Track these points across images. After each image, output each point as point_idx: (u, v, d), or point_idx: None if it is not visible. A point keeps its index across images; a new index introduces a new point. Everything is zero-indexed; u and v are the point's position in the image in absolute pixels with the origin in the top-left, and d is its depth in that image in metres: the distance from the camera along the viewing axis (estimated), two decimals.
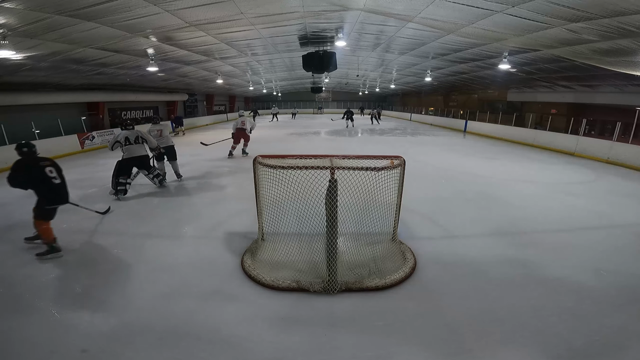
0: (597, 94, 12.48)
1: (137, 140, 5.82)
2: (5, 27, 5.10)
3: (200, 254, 3.72)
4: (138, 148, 5.84)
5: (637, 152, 8.55)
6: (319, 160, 3.07)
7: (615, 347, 2.29)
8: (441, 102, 24.65)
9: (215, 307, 2.76)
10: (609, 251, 3.75)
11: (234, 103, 30.98)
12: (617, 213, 5.03)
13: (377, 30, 8.44)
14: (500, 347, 2.30)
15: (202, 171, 7.96)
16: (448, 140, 14.78)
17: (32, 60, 7.40)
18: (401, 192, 3.50)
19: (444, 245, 3.93)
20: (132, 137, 5.77)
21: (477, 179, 7.20)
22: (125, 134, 5.75)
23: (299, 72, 16.77)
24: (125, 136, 5.73)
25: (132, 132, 5.82)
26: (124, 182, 5.77)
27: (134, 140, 5.78)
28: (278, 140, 14.12)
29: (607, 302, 2.79)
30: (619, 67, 7.56)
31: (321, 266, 3.12)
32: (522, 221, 4.68)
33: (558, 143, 11.47)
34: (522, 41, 7.04)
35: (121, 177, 5.74)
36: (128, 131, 5.81)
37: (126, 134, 5.76)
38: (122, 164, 5.76)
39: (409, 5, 5.73)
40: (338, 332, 2.46)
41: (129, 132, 5.80)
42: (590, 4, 4.47)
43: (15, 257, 3.66)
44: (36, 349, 2.29)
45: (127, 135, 5.74)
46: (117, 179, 5.73)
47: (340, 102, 36.76)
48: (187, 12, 5.77)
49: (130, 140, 5.75)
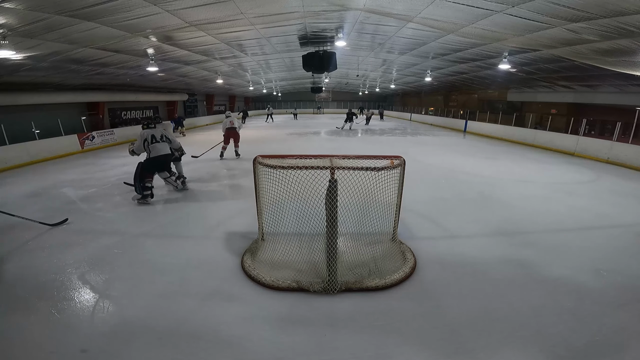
0: (597, 94, 12.48)
1: (162, 138, 5.58)
2: (5, 27, 5.10)
3: (200, 254, 3.72)
4: (163, 146, 5.57)
5: (637, 152, 8.55)
6: (319, 160, 3.07)
7: (615, 347, 2.29)
8: (441, 102, 24.65)
9: (215, 307, 2.76)
10: (609, 251, 3.75)
11: (234, 103, 30.97)
12: (617, 213, 5.03)
13: (377, 30, 8.43)
14: (500, 347, 2.29)
15: (202, 171, 7.96)
16: (448, 140, 14.78)
17: (32, 60, 7.39)
18: (401, 192, 3.50)
19: (444, 245, 3.93)
20: (158, 135, 5.53)
21: (477, 179, 7.20)
22: (150, 132, 5.49)
23: (299, 72, 16.77)
24: (150, 134, 5.47)
25: (157, 130, 5.58)
26: (150, 185, 5.48)
27: (160, 138, 5.54)
28: (278, 140, 14.12)
29: (607, 302, 2.79)
30: (619, 67, 7.56)
31: (321, 266, 3.12)
32: (522, 221, 4.68)
33: (558, 143, 11.47)
34: (522, 41, 7.04)
35: (146, 179, 5.45)
36: (151, 129, 5.55)
37: (151, 132, 5.49)
38: (146, 164, 5.48)
39: (409, 5, 5.73)
40: (338, 332, 2.46)
41: (153, 130, 5.55)
42: (590, 4, 4.48)
43: (16, 257, 3.66)
44: (36, 349, 2.29)
45: (153, 133, 5.49)
46: (143, 183, 5.42)
47: (340, 102, 36.77)
48: (187, 12, 5.77)
49: (157, 138, 5.50)
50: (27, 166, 9.14)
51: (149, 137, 5.45)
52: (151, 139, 5.46)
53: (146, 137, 5.45)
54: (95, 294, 2.97)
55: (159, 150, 5.50)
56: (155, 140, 5.48)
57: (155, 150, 5.47)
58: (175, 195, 6.06)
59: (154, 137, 5.48)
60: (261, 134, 17.19)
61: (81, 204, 5.60)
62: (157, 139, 5.50)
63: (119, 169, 8.43)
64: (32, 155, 9.59)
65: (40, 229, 4.41)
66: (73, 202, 5.72)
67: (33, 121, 10.85)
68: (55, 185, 6.92)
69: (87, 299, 2.89)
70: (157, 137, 5.50)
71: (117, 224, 4.68)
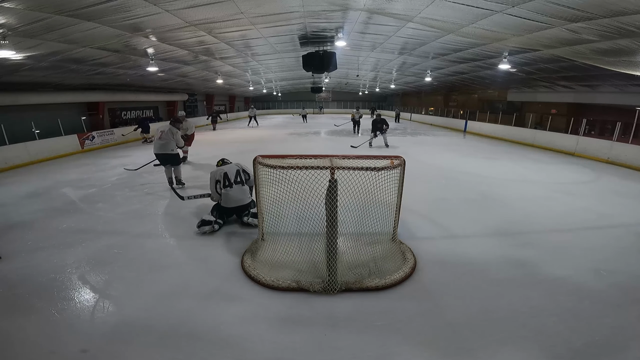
0: (597, 94, 12.48)
1: (238, 178, 4.33)
2: (5, 27, 5.10)
3: (200, 254, 3.72)
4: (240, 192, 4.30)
5: (637, 152, 8.54)
6: (319, 160, 3.06)
7: (615, 347, 2.28)
8: (441, 102, 24.66)
9: (215, 307, 2.76)
10: (609, 251, 3.75)
11: (234, 103, 30.98)
12: (617, 213, 5.03)
13: (377, 30, 8.43)
14: (500, 347, 2.29)
15: (202, 171, 7.96)
16: (448, 140, 14.77)
17: (32, 60, 7.40)
18: (401, 192, 3.50)
19: (444, 245, 3.93)
20: (232, 174, 4.31)
21: (477, 179, 7.20)
22: (223, 171, 4.30)
23: (299, 72, 16.76)
24: (223, 173, 4.28)
25: (232, 167, 4.41)
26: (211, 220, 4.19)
27: (235, 178, 4.30)
28: (278, 141, 14.12)
29: (607, 302, 2.78)
30: (619, 67, 7.56)
31: (321, 266, 3.12)
32: (522, 221, 4.68)
33: (558, 143, 11.47)
34: (522, 41, 7.04)
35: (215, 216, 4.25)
36: (225, 166, 4.44)
37: (224, 170, 4.31)
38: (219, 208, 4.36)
39: (409, 5, 5.73)
40: (338, 332, 2.46)
41: (227, 166, 4.41)
42: (590, 4, 4.48)
43: (16, 257, 3.66)
44: (36, 349, 2.29)
45: (226, 171, 4.29)
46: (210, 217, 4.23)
47: (340, 102, 36.74)
48: (187, 12, 5.77)
49: (230, 179, 4.27)
50: (27, 166, 9.14)
51: (221, 179, 4.21)
52: (224, 180, 4.19)
53: (218, 177, 4.22)
54: (95, 294, 2.97)
55: (231, 199, 4.20)
56: (229, 182, 4.17)
57: (227, 199, 4.19)
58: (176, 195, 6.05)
59: (227, 177, 4.18)
60: (261, 134, 17.19)
61: (81, 204, 5.60)
62: (231, 180, 4.18)
63: (119, 169, 8.42)
64: (32, 155, 9.59)
65: (40, 228, 4.43)
66: (73, 202, 5.72)
67: (33, 121, 10.86)
68: (55, 185, 6.91)
69: (87, 299, 2.89)
70: (231, 177, 4.17)
71: (117, 224, 4.67)
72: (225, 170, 4.25)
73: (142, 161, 8.33)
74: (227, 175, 4.19)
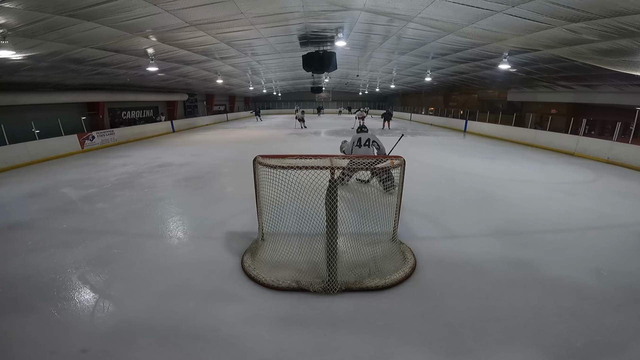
0: (597, 94, 12.48)
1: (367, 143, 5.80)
2: (5, 27, 5.10)
3: (200, 254, 3.72)
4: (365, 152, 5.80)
5: (637, 152, 8.54)
6: (319, 160, 3.07)
7: (615, 347, 2.28)
8: (441, 102, 24.64)
9: (215, 307, 2.76)
10: (609, 251, 3.75)
11: (234, 103, 30.99)
12: (617, 213, 5.03)
13: (377, 30, 8.43)
14: (500, 347, 2.29)
15: (202, 171, 7.96)
16: (448, 140, 14.77)
17: (32, 60, 7.40)
18: (401, 192, 3.50)
19: (444, 245, 3.93)
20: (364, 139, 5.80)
21: (477, 179, 7.20)
22: (358, 136, 5.84)
23: (299, 72, 16.77)
24: (358, 137, 5.83)
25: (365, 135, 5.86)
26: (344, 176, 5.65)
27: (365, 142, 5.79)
28: (278, 141, 14.11)
29: (607, 302, 2.79)
30: (619, 67, 7.56)
31: (321, 266, 3.12)
32: (522, 221, 4.68)
33: (558, 143, 11.46)
34: (522, 41, 7.04)
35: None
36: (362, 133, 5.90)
37: (359, 136, 5.84)
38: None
39: (409, 5, 5.73)
40: (338, 332, 2.46)
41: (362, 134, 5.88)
42: (590, 4, 4.47)
43: (16, 257, 3.66)
44: (36, 349, 2.29)
45: (360, 137, 5.82)
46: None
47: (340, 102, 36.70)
48: (187, 12, 5.77)
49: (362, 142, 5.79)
50: (27, 166, 9.14)
51: (356, 140, 5.88)
52: (357, 141, 5.83)
53: (354, 139, 5.91)
54: (95, 294, 2.97)
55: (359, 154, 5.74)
56: (360, 144, 5.81)
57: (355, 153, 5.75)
58: (176, 195, 6.06)
59: (360, 140, 5.84)
60: (261, 133, 17.20)
61: (81, 204, 5.60)
62: (362, 143, 5.81)
63: (118, 169, 8.43)
64: (32, 155, 9.59)
65: (40, 228, 4.43)
66: (73, 202, 5.72)
67: (33, 121, 10.85)
68: (55, 185, 6.92)
69: (87, 299, 2.89)
70: (362, 140, 5.84)
71: (117, 224, 4.68)
72: (360, 136, 5.92)
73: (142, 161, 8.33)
74: (360, 139, 5.87)
